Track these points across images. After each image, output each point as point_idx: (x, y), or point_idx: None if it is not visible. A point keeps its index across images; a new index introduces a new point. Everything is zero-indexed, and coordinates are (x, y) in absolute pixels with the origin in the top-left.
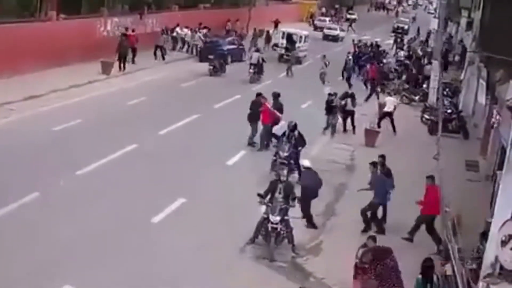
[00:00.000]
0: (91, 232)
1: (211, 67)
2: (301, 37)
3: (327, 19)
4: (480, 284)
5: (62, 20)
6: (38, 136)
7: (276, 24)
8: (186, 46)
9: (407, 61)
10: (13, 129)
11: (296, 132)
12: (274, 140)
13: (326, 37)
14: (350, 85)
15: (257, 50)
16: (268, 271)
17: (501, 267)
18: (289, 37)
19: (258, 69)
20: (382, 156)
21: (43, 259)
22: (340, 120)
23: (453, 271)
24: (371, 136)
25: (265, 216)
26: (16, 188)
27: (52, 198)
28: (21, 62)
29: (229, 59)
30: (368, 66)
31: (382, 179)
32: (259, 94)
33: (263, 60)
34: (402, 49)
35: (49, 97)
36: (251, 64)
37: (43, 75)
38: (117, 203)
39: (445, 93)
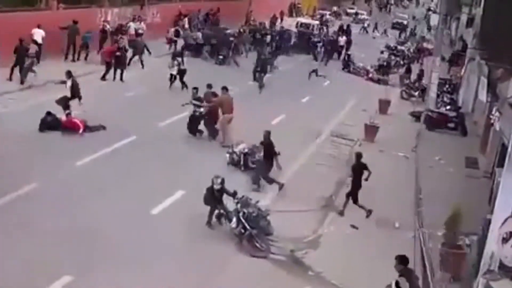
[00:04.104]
0: (90, 223)
1: (221, 57)
2: (313, 25)
3: (327, 13)
4: (480, 280)
5: (62, 9)
6: (37, 126)
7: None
8: None
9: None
10: (12, 119)
11: None
12: None
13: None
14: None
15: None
16: (268, 264)
17: (500, 264)
18: (304, 26)
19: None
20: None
21: (42, 250)
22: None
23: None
24: (370, 131)
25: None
26: (15, 178)
27: (51, 189)
28: None
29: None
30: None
31: None
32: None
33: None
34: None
35: (49, 87)
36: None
37: (43, 65)
38: (117, 194)
39: (444, 89)
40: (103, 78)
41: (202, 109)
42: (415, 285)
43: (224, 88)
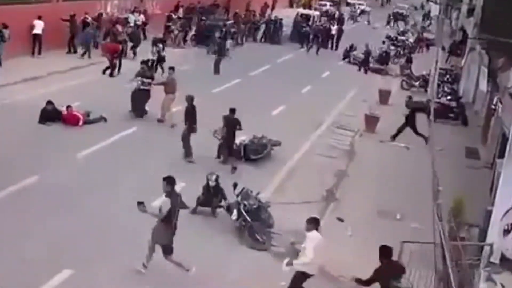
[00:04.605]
0: (90, 216)
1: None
2: (314, 16)
3: (328, 3)
4: (482, 273)
5: (62, 1)
6: (36, 119)
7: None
8: None
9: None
10: (11, 111)
11: None
12: None
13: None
14: None
15: None
16: (268, 257)
17: (502, 257)
18: (306, 17)
19: None
20: None
21: (42, 243)
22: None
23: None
24: (371, 122)
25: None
26: (16, 171)
27: (52, 181)
28: (20, 43)
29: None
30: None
31: None
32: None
33: None
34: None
35: (48, 79)
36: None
37: (42, 57)
38: (117, 186)
39: (445, 79)
40: (111, 74)
41: (147, 86)
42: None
43: (171, 68)
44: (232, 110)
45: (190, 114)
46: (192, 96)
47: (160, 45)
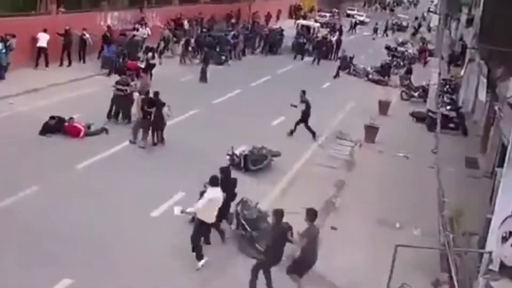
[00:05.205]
0: (90, 226)
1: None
2: (314, 28)
3: (328, 14)
4: (481, 280)
5: (61, 14)
6: (37, 130)
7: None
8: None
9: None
10: (11, 123)
11: None
12: None
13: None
14: None
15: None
16: None
17: (501, 264)
18: (306, 28)
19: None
20: None
21: (42, 253)
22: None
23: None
24: (370, 132)
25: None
26: (16, 181)
27: (51, 191)
28: (23, 55)
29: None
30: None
31: None
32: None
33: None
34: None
35: (48, 91)
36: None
37: (42, 69)
38: (117, 196)
39: (445, 89)
40: None
41: (124, 92)
42: None
43: (144, 70)
44: (156, 93)
45: (145, 108)
46: (148, 90)
47: (150, 54)
